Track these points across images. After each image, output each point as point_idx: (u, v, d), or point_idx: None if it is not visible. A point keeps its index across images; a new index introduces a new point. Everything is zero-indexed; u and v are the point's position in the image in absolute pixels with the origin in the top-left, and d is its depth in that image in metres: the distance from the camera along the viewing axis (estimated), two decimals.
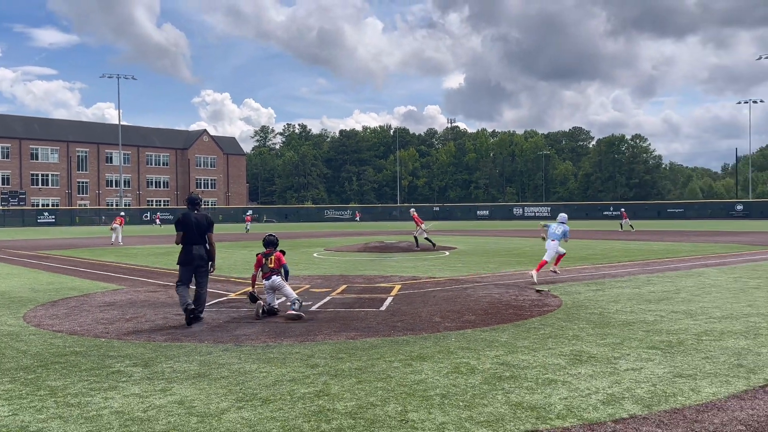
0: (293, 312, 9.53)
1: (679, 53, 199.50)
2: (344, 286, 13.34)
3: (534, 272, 14.06)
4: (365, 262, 19.51)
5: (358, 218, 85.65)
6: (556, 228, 15.06)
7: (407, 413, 5.08)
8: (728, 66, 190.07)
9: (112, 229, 33.05)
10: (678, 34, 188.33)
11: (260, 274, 10.17)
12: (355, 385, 5.90)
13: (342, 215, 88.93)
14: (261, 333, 8.47)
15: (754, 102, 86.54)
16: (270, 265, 9.99)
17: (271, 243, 10.16)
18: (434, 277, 14.97)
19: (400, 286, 13.24)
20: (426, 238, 25.48)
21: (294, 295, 9.91)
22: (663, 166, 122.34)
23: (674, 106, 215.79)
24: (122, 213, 39.04)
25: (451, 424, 4.82)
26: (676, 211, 76.67)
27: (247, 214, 62.25)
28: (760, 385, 5.79)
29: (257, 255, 10.21)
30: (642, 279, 14.25)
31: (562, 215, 15.55)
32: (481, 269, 16.88)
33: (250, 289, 10.28)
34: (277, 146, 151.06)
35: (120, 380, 6.18)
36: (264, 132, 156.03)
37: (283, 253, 10.24)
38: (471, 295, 11.86)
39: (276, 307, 9.89)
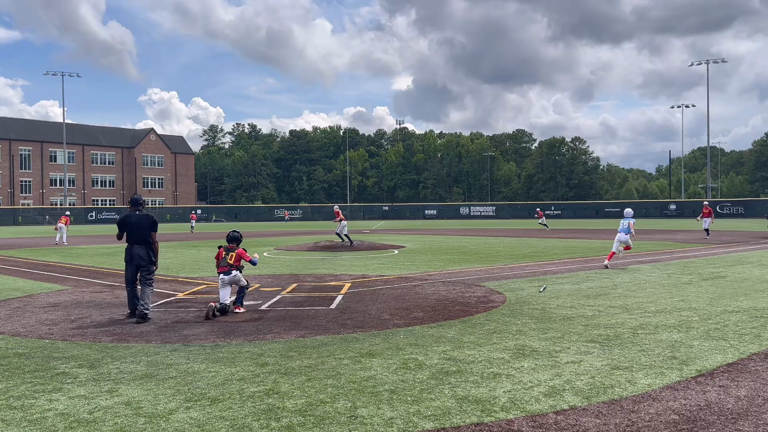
0: (235, 310, 9.87)
1: (616, 59, 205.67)
2: (294, 285, 13.24)
3: (607, 261, 16.53)
4: (315, 261, 19.42)
5: (286, 218, 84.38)
6: (623, 222, 17.14)
7: (356, 409, 5.08)
8: (662, 72, 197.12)
9: (56, 228, 32.09)
10: (615, 41, 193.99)
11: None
12: (305, 382, 5.86)
13: (293, 214, 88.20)
14: (210, 333, 8.33)
15: (687, 107, 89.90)
16: (229, 261, 10.01)
17: (234, 239, 10.26)
18: (383, 275, 15.01)
19: (349, 285, 13.22)
20: (338, 233, 26.17)
21: (245, 282, 10.22)
22: (601, 167, 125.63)
23: (611, 109, 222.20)
24: (67, 212, 37.75)
25: (399, 419, 4.84)
26: (613, 210, 78.74)
27: (192, 212, 60.67)
28: (693, 376, 6.01)
29: (219, 248, 10.26)
30: (581, 275, 14.60)
31: (628, 210, 17.76)
32: (429, 267, 17.01)
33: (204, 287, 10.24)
34: (227, 146, 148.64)
35: (65, 382, 5.98)
36: (213, 131, 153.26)
37: (245, 250, 10.28)
38: (419, 293, 11.93)
39: (228, 304, 9.80)
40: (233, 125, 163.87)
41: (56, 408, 5.21)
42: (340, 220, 26.31)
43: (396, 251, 23.50)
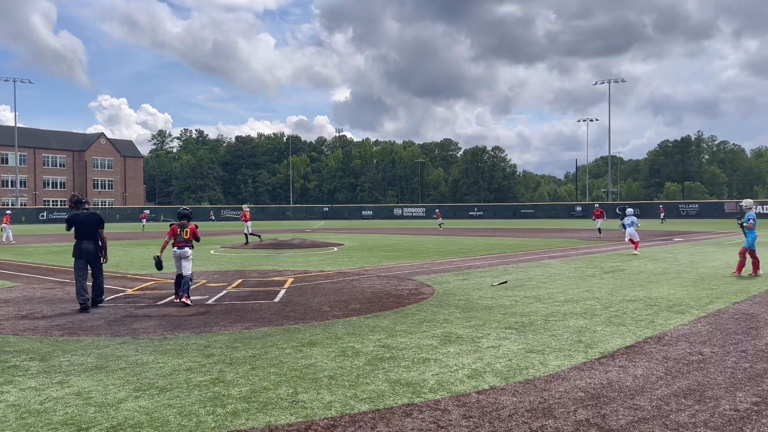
0: (183, 300, 9.76)
1: (530, 77, 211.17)
2: (240, 281, 12.99)
3: (636, 251, 19.19)
4: (260, 258, 19.11)
5: (212, 218, 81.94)
6: (626, 220, 20.04)
7: (298, 395, 5.03)
8: (569, 89, 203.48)
9: (0, 229, 30.56)
10: (529, 61, 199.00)
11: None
12: (249, 371, 5.76)
13: (238, 215, 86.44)
14: (158, 326, 8.07)
15: (591, 120, 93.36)
16: (185, 236, 10.03)
17: (185, 216, 10.28)
18: (324, 271, 14.92)
19: (292, 280, 13.08)
20: (248, 234, 26.14)
21: (190, 272, 10.07)
22: (517, 173, 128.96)
23: (526, 122, 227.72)
24: (8, 212, 35.84)
25: (337, 403, 4.83)
26: (528, 211, 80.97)
27: (143, 212, 59.32)
28: (596, 357, 6.23)
29: (171, 225, 10.18)
30: (500, 269, 14.92)
31: (629, 210, 20.71)
32: (365, 263, 17.02)
33: (158, 254, 10.21)
34: (175, 150, 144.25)
35: (16, 374, 5.67)
36: (161, 136, 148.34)
37: (197, 226, 10.34)
38: (356, 287, 11.92)
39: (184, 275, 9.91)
40: (181, 131, 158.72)
41: (7, 399, 4.93)
42: (246, 221, 26.35)
43: (335, 249, 23.41)
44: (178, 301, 9.89)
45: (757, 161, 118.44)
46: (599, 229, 31.43)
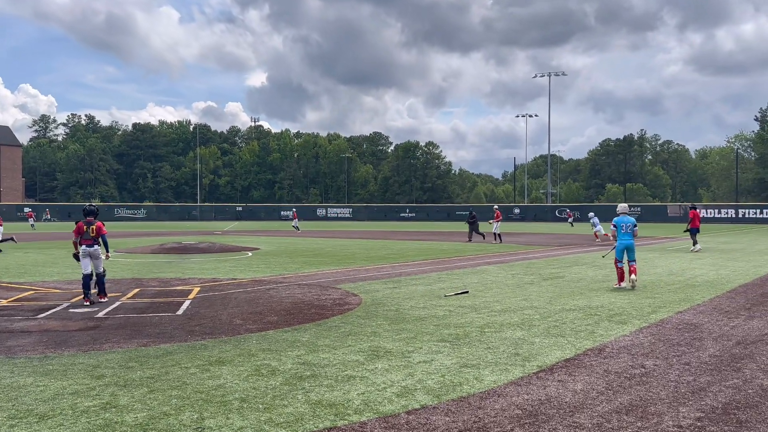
0: (100, 299, 10.80)
1: (465, 67, 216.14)
2: (136, 290, 12.56)
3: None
4: (161, 264, 18.55)
5: (36, 218, 75.10)
6: (595, 220, 30.50)
7: (204, 420, 4.91)
8: (507, 82, 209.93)
9: None
10: (464, 50, 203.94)
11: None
12: (146, 394, 5.57)
13: (135, 214, 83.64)
14: (38, 343, 7.68)
15: (530, 116, 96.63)
16: (91, 234, 10.69)
17: (91, 212, 10.94)
18: (236, 279, 14.66)
19: (199, 289, 12.78)
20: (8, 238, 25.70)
21: (102, 268, 10.96)
22: (453, 172, 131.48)
23: (462, 116, 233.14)
24: None
25: (249, 428, 4.74)
26: (464, 213, 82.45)
27: (29, 210, 57.14)
28: (534, 371, 6.43)
29: (77, 222, 10.83)
30: (433, 276, 15.15)
31: (591, 213, 30.40)
32: (284, 270, 16.85)
33: (75, 252, 11.06)
34: (60, 138, 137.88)
35: None
36: (44, 122, 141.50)
37: (103, 224, 11.09)
38: (273, 296, 11.78)
39: (90, 274, 10.74)
40: (68, 116, 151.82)
41: None
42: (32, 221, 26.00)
43: (250, 253, 23.06)
44: (88, 303, 10.49)
45: (701, 162, 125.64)
46: (497, 234, 30.48)
